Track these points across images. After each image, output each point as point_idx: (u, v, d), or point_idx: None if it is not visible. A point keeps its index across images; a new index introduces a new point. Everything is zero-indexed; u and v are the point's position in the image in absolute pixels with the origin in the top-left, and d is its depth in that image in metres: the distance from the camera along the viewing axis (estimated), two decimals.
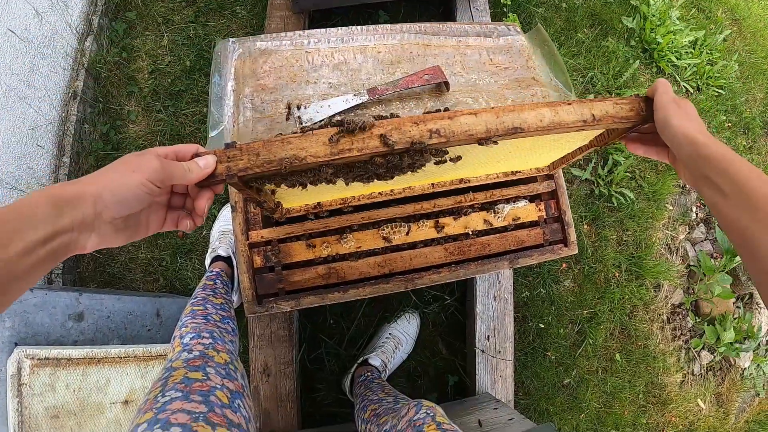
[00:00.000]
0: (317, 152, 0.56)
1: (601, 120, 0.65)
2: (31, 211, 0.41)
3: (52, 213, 0.42)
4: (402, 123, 0.58)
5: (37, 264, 0.41)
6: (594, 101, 0.65)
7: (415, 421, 0.78)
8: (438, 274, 0.94)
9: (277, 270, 0.92)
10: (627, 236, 1.79)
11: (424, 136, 0.59)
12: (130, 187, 0.48)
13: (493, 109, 0.62)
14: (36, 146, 1.45)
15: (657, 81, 0.64)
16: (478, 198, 0.97)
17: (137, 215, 0.52)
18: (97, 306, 1.24)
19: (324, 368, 1.53)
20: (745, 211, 0.49)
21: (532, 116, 0.63)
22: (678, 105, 0.60)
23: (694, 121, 0.59)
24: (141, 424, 0.60)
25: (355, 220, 0.91)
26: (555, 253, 1.04)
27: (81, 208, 0.44)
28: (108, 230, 0.48)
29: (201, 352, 0.78)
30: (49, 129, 1.50)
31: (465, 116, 0.60)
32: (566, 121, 0.64)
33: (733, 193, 0.51)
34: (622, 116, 0.66)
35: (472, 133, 0.61)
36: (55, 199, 0.43)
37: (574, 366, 1.71)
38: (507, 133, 0.62)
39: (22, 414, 1.04)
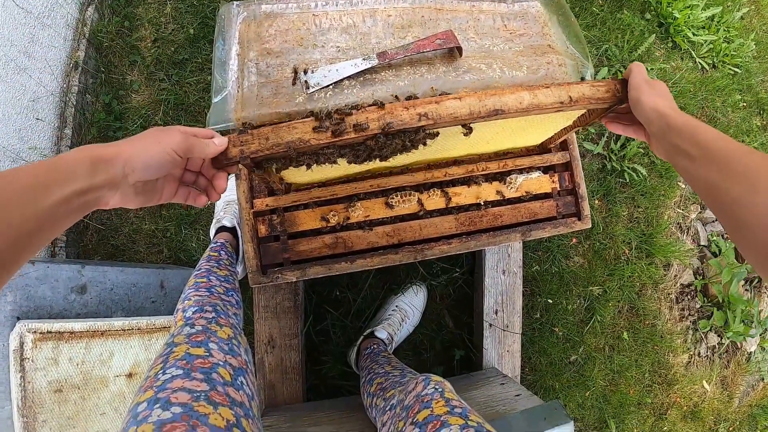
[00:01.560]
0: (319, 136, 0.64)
1: (578, 101, 0.70)
2: (73, 166, 0.47)
3: (89, 169, 0.48)
4: (394, 108, 0.65)
5: (70, 213, 0.47)
6: (571, 84, 0.71)
7: (423, 397, 0.76)
8: (448, 244, 0.91)
9: (282, 239, 0.89)
10: (638, 213, 1.76)
11: (414, 119, 0.65)
12: (156, 154, 0.54)
13: (476, 93, 0.68)
14: (36, 119, 1.42)
15: (632, 64, 0.70)
16: (490, 167, 0.94)
17: (154, 182, 0.57)
18: (99, 278, 1.23)
19: (330, 340, 1.52)
20: (712, 168, 0.53)
21: (512, 99, 0.68)
22: (650, 85, 0.66)
23: (664, 98, 0.64)
24: (141, 402, 0.58)
25: (363, 187, 0.88)
26: (568, 227, 1.01)
27: (113, 168, 0.50)
28: (129, 191, 0.53)
29: (203, 327, 0.76)
30: (50, 101, 1.47)
31: (450, 100, 0.67)
32: (544, 103, 0.69)
33: (701, 155, 0.55)
34: (598, 97, 0.70)
35: (457, 116, 0.67)
36: (93, 158, 0.48)
37: (581, 343, 1.70)
38: (489, 115, 0.68)
39: (25, 389, 1.03)
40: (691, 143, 0.57)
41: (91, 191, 0.48)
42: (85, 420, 1.12)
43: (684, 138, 0.58)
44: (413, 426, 0.71)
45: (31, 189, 0.43)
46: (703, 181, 0.55)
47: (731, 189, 0.51)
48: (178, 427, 0.54)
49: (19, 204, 0.42)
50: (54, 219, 0.45)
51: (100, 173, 0.49)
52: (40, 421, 1.06)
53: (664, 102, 0.63)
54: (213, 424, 0.56)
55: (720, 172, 0.53)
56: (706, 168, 0.54)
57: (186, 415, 0.56)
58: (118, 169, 0.50)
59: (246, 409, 0.64)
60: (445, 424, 0.68)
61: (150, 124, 1.57)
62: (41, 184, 0.44)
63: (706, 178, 0.54)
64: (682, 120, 0.60)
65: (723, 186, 0.52)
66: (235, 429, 0.59)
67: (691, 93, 1.84)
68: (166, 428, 0.53)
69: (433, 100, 0.66)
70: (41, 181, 0.44)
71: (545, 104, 0.69)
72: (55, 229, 0.46)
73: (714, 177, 0.53)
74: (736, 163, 0.52)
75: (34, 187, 0.43)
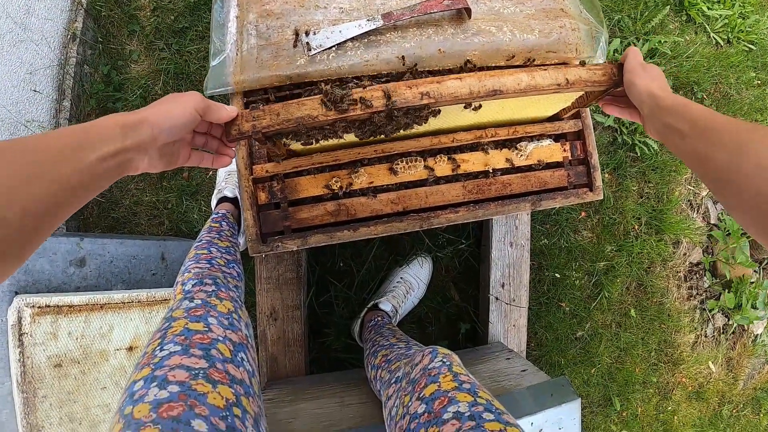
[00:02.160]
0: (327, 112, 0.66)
1: (574, 84, 0.72)
2: (105, 130, 0.49)
3: (120, 133, 0.50)
4: (397, 86, 0.67)
5: (106, 173, 0.49)
6: (568, 67, 0.74)
7: (430, 370, 0.74)
8: (455, 213, 0.88)
9: (282, 206, 0.86)
10: (649, 188, 1.72)
11: (417, 97, 0.67)
12: (180, 114, 0.57)
13: (476, 73, 0.71)
14: (33, 91, 1.40)
15: (628, 49, 0.73)
16: (499, 133, 0.91)
17: (172, 145, 0.60)
18: (99, 251, 1.21)
19: (333, 312, 1.50)
20: (701, 141, 0.56)
21: (511, 80, 0.70)
22: (644, 68, 0.69)
23: (656, 81, 0.67)
24: (137, 380, 0.56)
25: (367, 153, 0.84)
26: (579, 197, 0.98)
27: (142, 132, 0.53)
28: (155, 155, 0.57)
29: (203, 301, 0.73)
30: (48, 73, 1.44)
31: (451, 80, 0.69)
32: (542, 84, 0.71)
33: (690, 130, 0.58)
34: (595, 80, 0.73)
35: (458, 95, 0.69)
36: (122, 124, 0.51)
37: (588, 319, 1.68)
38: (488, 94, 0.70)
39: (24, 364, 1.02)
40: (681, 120, 0.59)
41: (122, 153, 0.50)
42: (86, 394, 1.11)
43: (674, 116, 0.61)
44: (419, 401, 0.69)
45: (71, 148, 0.45)
46: (694, 155, 0.57)
47: (720, 157, 0.53)
48: (175, 407, 0.51)
49: (62, 159, 0.44)
50: (92, 177, 0.47)
51: (130, 137, 0.51)
52: (40, 397, 1.05)
53: (657, 84, 0.66)
54: (211, 404, 0.54)
55: (709, 143, 0.55)
56: (695, 141, 0.57)
57: (183, 394, 0.53)
58: (146, 132, 0.53)
59: (246, 387, 0.62)
60: (452, 400, 0.65)
61: (150, 94, 1.54)
62: (79, 144, 0.46)
63: (697, 151, 0.56)
64: (672, 100, 0.62)
65: (712, 156, 0.54)
66: (235, 408, 0.57)
67: (705, 68, 1.78)
68: (162, 408, 0.51)
69: (435, 80, 0.69)
70: (79, 142, 0.46)
71: (543, 86, 0.71)
72: (92, 189, 0.48)
73: (704, 149, 0.55)
74: (724, 133, 0.54)
75: (72, 146, 0.46)
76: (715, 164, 0.53)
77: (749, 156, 0.49)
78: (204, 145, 0.69)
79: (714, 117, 0.56)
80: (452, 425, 0.61)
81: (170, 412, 0.51)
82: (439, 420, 0.63)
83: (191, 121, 0.59)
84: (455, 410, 0.63)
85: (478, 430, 0.59)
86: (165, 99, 0.59)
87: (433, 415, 0.65)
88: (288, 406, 1.04)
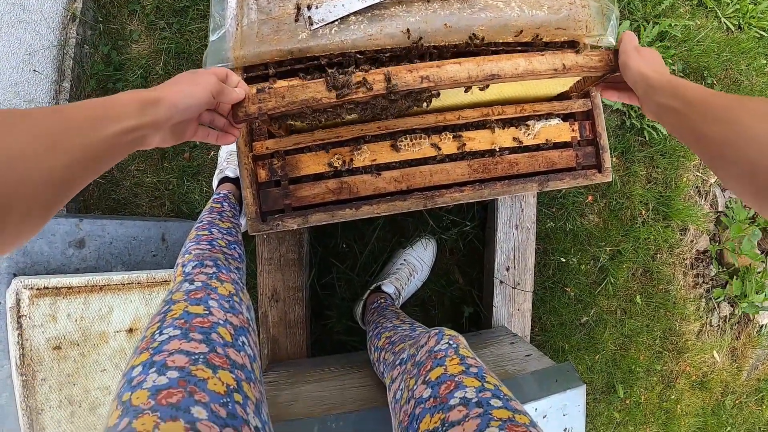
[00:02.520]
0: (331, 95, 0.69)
1: (571, 69, 0.75)
2: (124, 106, 0.50)
3: (138, 110, 0.51)
4: (398, 70, 0.70)
5: (122, 146, 0.50)
6: (566, 52, 0.76)
7: (436, 353, 0.71)
8: (460, 192, 0.86)
9: (283, 184, 0.84)
10: (657, 173, 1.69)
11: (416, 81, 0.70)
12: (196, 95, 0.59)
13: (474, 58, 0.73)
14: (33, 71, 1.38)
15: (623, 33, 0.75)
16: (507, 111, 0.88)
17: (183, 123, 0.61)
18: (98, 232, 1.19)
19: (335, 294, 1.49)
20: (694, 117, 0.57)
21: (509, 65, 0.73)
22: (638, 51, 0.71)
23: (650, 62, 0.69)
24: (136, 366, 0.54)
25: (370, 129, 0.82)
26: (588, 179, 0.95)
27: (159, 110, 0.54)
28: (168, 132, 0.58)
29: (203, 283, 0.71)
30: (47, 54, 1.43)
31: (450, 65, 0.72)
32: (539, 69, 0.74)
33: (684, 108, 0.59)
34: (591, 66, 0.75)
35: (457, 79, 0.71)
36: (141, 100, 0.52)
37: (593, 304, 1.66)
38: (486, 79, 0.72)
39: (23, 347, 1.01)
40: (673, 99, 0.60)
41: (139, 129, 0.51)
42: (86, 377, 1.10)
43: (667, 95, 0.62)
44: (425, 385, 0.66)
45: (91, 120, 0.47)
46: (689, 132, 0.58)
47: (713, 131, 0.53)
48: (174, 394, 0.50)
49: (83, 131, 0.45)
50: (110, 149, 0.48)
51: (148, 115, 0.52)
52: (40, 379, 1.04)
53: (650, 66, 0.68)
54: (212, 390, 0.53)
55: (702, 119, 0.55)
56: (689, 118, 0.58)
57: (183, 380, 0.52)
58: (163, 111, 0.54)
59: (248, 372, 0.61)
60: (459, 385, 0.63)
61: (151, 74, 1.52)
62: (99, 117, 0.47)
63: (692, 128, 0.57)
64: (665, 79, 0.64)
65: (706, 131, 0.55)
66: (236, 394, 0.55)
67: (716, 53, 1.75)
68: (161, 395, 0.50)
69: (434, 64, 0.71)
70: (99, 115, 0.48)
71: (540, 71, 0.74)
72: (109, 160, 0.49)
73: (698, 125, 0.56)
74: (716, 108, 0.54)
75: (93, 119, 0.47)
76: (709, 139, 0.54)
77: (741, 128, 0.50)
78: (211, 122, 0.69)
79: (706, 93, 0.57)
80: (459, 411, 0.59)
81: (169, 399, 0.49)
82: (445, 406, 0.61)
83: (206, 103, 0.60)
84: (462, 396, 0.61)
85: (485, 417, 0.56)
86: (183, 79, 0.60)
87: (439, 400, 0.62)
88: (288, 388, 1.03)
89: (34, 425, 1.04)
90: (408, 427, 0.64)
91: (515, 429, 0.54)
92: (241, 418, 0.53)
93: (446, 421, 0.59)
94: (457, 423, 0.57)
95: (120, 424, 0.47)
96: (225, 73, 0.67)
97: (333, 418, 0.87)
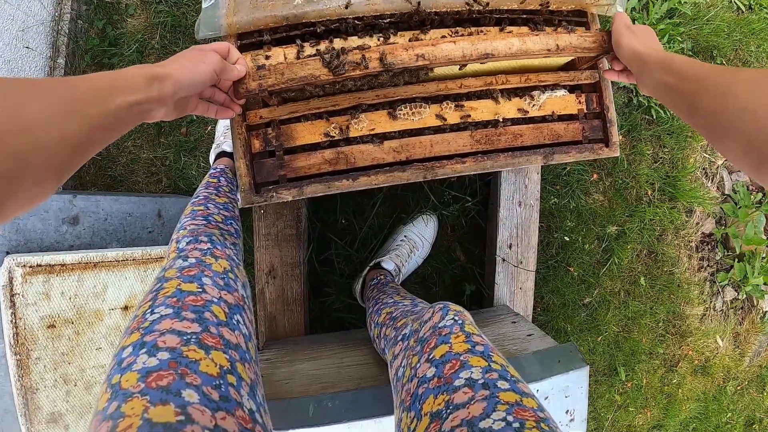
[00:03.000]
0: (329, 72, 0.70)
1: (564, 50, 0.76)
2: (132, 79, 0.52)
3: (146, 84, 0.53)
4: (395, 48, 0.72)
5: (129, 119, 0.52)
6: (560, 33, 0.77)
7: (441, 329, 0.68)
8: (462, 163, 0.83)
9: (278, 154, 0.81)
10: (663, 153, 1.66)
11: (412, 59, 0.72)
12: (201, 74, 0.62)
13: (469, 37, 0.76)
14: (26, 48, 1.35)
15: (615, 14, 0.76)
16: (511, 81, 0.85)
17: (186, 98, 0.64)
18: (92, 208, 1.17)
19: (333, 271, 1.47)
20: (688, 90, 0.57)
21: (503, 45, 0.75)
22: (630, 30, 0.72)
23: (643, 40, 0.70)
24: (126, 347, 0.52)
25: (368, 98, 0.79)
26: (595, 153, 0.92)
27: (165, 86, 0.56)
28: (171, 107, 0.60)
29: (197, 259, 0.68)
30: (41, 30, 1.39)
31: (446, 43, 0.73)
32: (532, 49, 0.75)
33: (677, 82, 0.59)
34: (585, 47, 0.77)
35: (451, 57, 0.74)
36: (149, 76, 0.54)
37: (596, 285, 1.64)
38: (480, 57, 0.74)
39: (16, 325, 0.99)
40: (667, 74, 0.61)
41: (146, 103, 0.53)
42: (81, 355, 1.08)
43: (660, 71, 0.63)
44: (429, 363, 0.64)
45: (101, 92, 0.48)
46: (685, 105, 0.58)
47: (707, 104, 0.54)
48: (164, 376, 0.48)
49: (94, 101, 0.47)
50: (117, 121, 0.50)
51: (154, 89, 0.54)
52: (34, 359, 1.02)
53: (643, 43, 0.69)
54: (204, 372, 0.50)
55: (695, 91, 0.56)
56: (684, 93, 0.58)
57: (174, 361, 0.50)
58: (169, 87, 0.56)
59: (242, 352, 0.58)
60: (465, 365, 0.60)
61: (146, 48, 1.48)
62: (107, 89, 0.49)
63: (687, 102, 0.58)
64: (658, 55, 0.65)
65: (699, 103, 0.55)
66: (230, 376, 0.53)
67: (725, 33, 1.70)
68: (151, 377, 0.47)
69: (429, 42, 0.73)
70: (107, 87, 0.49)
71: (533, 50, 0.75)
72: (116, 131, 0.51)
73: (692, 98, 0.57)
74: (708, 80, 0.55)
75: (103, 90, 0.48)
76: (704, 112, 0.54)
77: (735, 100, 0.50)
78: (211, 96, 0.72)
79: (699, 67, 0.58)
80: (464, 393, 0.56)
81: (159, 382, 0.47)
82: (450, 387, 0.58)
83: (210, 80, 0.63)
84: (468, 376, 0.58)
85: (492, 400, 0.54)
86: (188, 55, 0.62)
87: (443, 380, 0.60)
88: (285, 366, 1.01)
89: (30, 405, 1.03)
90: (410, 407, 0.62)
91: (523, 413, 0.52)
92: (235, 400, 0.51)
93: (451, 402, 0.56)
94: (462, 405, 0.55)
95: (109, 407, 0.46)
96: (227, 49, 0.69)
97: (329, 396, 0.85)
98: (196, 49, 0.64)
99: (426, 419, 0.57)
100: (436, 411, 0.57)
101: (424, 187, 1.47)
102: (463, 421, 0.53)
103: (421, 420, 0.58)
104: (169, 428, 0.43)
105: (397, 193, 1.49)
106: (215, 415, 0.47)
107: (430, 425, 0.56)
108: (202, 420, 0.46)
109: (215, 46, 0.67)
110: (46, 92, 0.43)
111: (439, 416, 0.56)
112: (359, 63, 0.70)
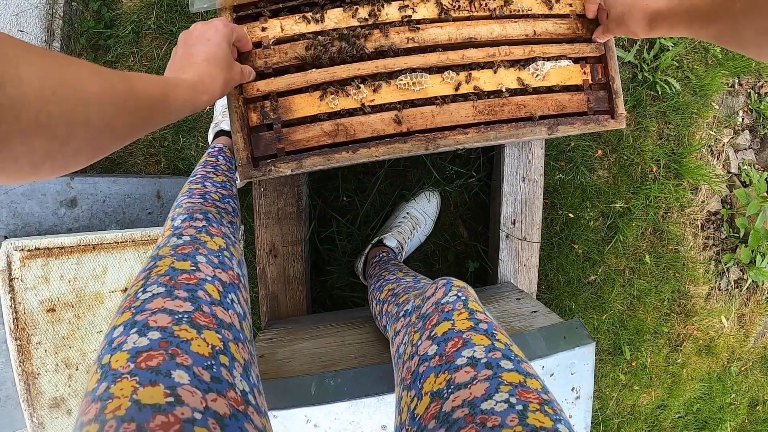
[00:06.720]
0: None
1: (541, 35, 0.86)
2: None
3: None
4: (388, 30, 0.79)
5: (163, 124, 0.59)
6: (537, 20, 0.86)
7: (444, 306, 0.67)
8: (464, 134, 0.81)
9: (276, 128, 0.79)
10: (669, 130, 1.63)
11: (403, 42, 0.81)
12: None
13: (454, 22, 0.83)
14: (20, 31, 1.33)
15: None
16: (515, 52, 0.82)
17: None
18: (90, 190, 1.15)
19: (335, 249, 1.45)
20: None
21: (485, 30, 0.83)
22: None
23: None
24: (117, 326, 0.51)
25: (368, 69, 0.77)
26: (600, 125, 0.90)
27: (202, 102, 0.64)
28: None
29: (192, 237, 0.67)
30: (35, 13, 1.37)
31: (433, 28, 0.82)
32: (512, 35, 0.85)
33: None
34: (560, 34, 0.87)
35: (438, 41, 0.82)
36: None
37: (601, 262, 1.62)
38: (464, 42, 0.83)
39: (16, 310, 0.99)
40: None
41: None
42: (81, 339, 1.08)
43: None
44: (430, 341, 0.62)
45: (154, 99, 0.54)
46: (683, 22, 0.62)
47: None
48: (154, 357, 0.46)
49: (143, 105, 0.52)
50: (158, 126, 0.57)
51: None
52: (34, 343, 1.01)
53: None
54: (195, 352, 0.49)
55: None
56: (675, 11, 0.62)
57: (165, 341, 0.48)
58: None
59: (235, 332, 0.57)
60: (468, 343, 0.58)
61: (142, 29, 1.46)
62: (159, 101, 0.55)
63: (680, 17, 0.61)
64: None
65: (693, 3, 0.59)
66: (222, 356, 0.51)
67: None
68: (141, 358, 0.46)
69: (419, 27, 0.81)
70: (164, 107, 0.56)
71: (512, 36, 0.84)
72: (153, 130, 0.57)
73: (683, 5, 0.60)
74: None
75: (156, 98, 0.55)
76: (697, 9, 0.58)
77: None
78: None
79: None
80: (466, 372, 0.54)
81: (149, 362, 0.46)
82: (451, 365, 0.56)
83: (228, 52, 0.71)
84: (470, 355, 0.57)
85: (494, 380, 0.52)
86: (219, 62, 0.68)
87: (445, 358, 0.58)
88: (287, 345, 1.00)
89: (31, 390, 1.02)
90: (411, 385, 0.60)
91: (526, 395, 0.50)
92: (227, 381, 0.49)
93: (452, 382, 0.54)
94: (464, 386, 0.53)
95: (98, 388, 0.45)
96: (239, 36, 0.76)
97: (331, 375, 0.84)
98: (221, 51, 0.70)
99: (426, 398, 0.56)
100: (436, 390, 0.55)
101: (427, 163, 1.45)
102: (465, 401, 0.51)
103: (422, 399, 0.56)
104: (158, 410, 0.42)
105: (399, 169, 1.47)
106: (206, 396, 0.46)
107: (431, 405, 0.54)
108: (192, 401, 0.44)
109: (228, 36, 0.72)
110: (103, 80, 0.46)
111: (439, 396, 0.54)
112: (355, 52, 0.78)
